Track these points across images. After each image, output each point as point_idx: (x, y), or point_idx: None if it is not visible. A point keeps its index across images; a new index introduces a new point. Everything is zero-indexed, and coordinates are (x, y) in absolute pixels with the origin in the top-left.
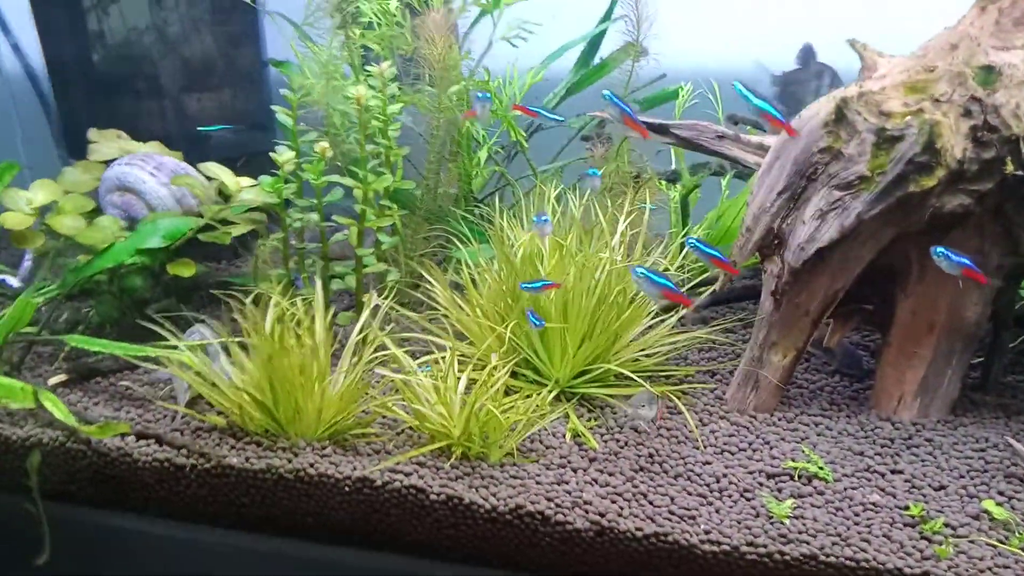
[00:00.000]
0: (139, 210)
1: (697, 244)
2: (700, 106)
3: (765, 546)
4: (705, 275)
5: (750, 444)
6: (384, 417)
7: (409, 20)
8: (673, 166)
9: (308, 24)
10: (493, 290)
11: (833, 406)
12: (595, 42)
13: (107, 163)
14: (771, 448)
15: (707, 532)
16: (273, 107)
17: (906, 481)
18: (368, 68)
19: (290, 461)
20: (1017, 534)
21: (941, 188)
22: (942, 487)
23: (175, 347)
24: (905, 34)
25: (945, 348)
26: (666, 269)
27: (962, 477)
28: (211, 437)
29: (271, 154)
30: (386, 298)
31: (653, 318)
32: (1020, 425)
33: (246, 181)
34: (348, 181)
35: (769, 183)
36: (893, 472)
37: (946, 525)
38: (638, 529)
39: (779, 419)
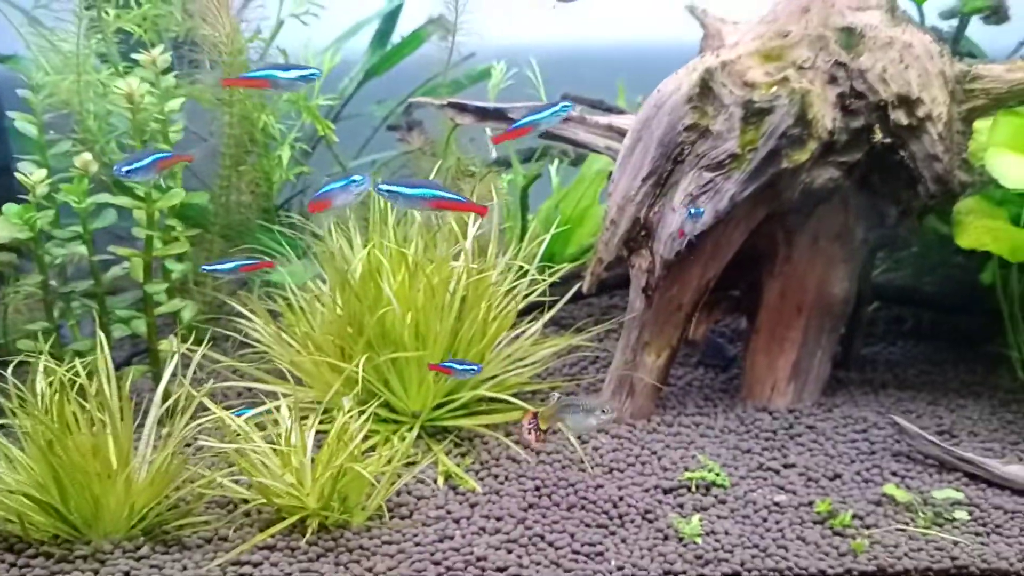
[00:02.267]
0: None
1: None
2: (516, 88)
3: (685, 572)
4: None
5: (637, 457)
6: (212, 496)
7: None
8: (494, 154)
9: (44, 7)
10: (327, 318)
11: (708, 402)
12: (391, 19)
13: None
14: (660, 459)
15: (620, 568)
16: (11, 113)
17: (801, 475)
18: (134, 57)
19: (96, 573)
20: (921, 514)
21: (812, 162)
22: (837, 476)
23: None
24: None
25: (815, 329)
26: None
27: (853, 462)
28: None
29: (16, 175)
30: (188, 341)
31: (512, 327)
32: (889, 399)
33: None
34: (126, 200)
35: (632, 169)
36: (786, 467)
37: (855, 517)
38: None
39: (658, 424)
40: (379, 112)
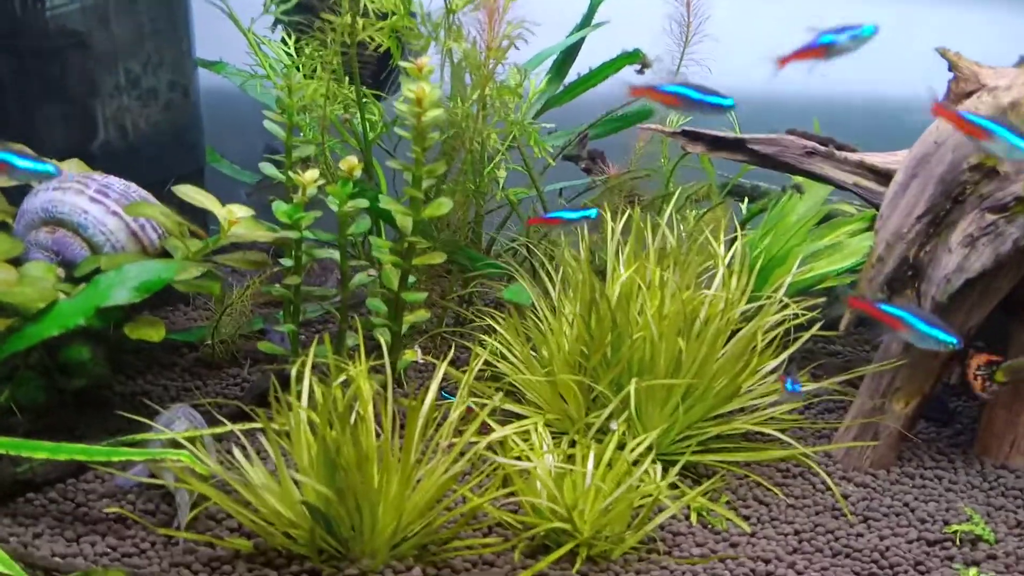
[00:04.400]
0: (76, 250)
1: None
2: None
3: None
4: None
5: (890, 508)
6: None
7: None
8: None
9: (275, 13)
10: (575, 339)
11: (942, 456)
12: (572, 52)
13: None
14: (913, 511)
15: None
16: (266, 112)
17: None
18: (403, 63)
19: None
20: None
21: None
22: None
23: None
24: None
25: None
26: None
27: None
28: (237, 570)
29: (268, 173)
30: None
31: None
32: None
33: (241, 211)
34: (394, 205)
35: (905, 206)
36: None
37: None
38: None
39: (900, 476)
40: (554, 142)
